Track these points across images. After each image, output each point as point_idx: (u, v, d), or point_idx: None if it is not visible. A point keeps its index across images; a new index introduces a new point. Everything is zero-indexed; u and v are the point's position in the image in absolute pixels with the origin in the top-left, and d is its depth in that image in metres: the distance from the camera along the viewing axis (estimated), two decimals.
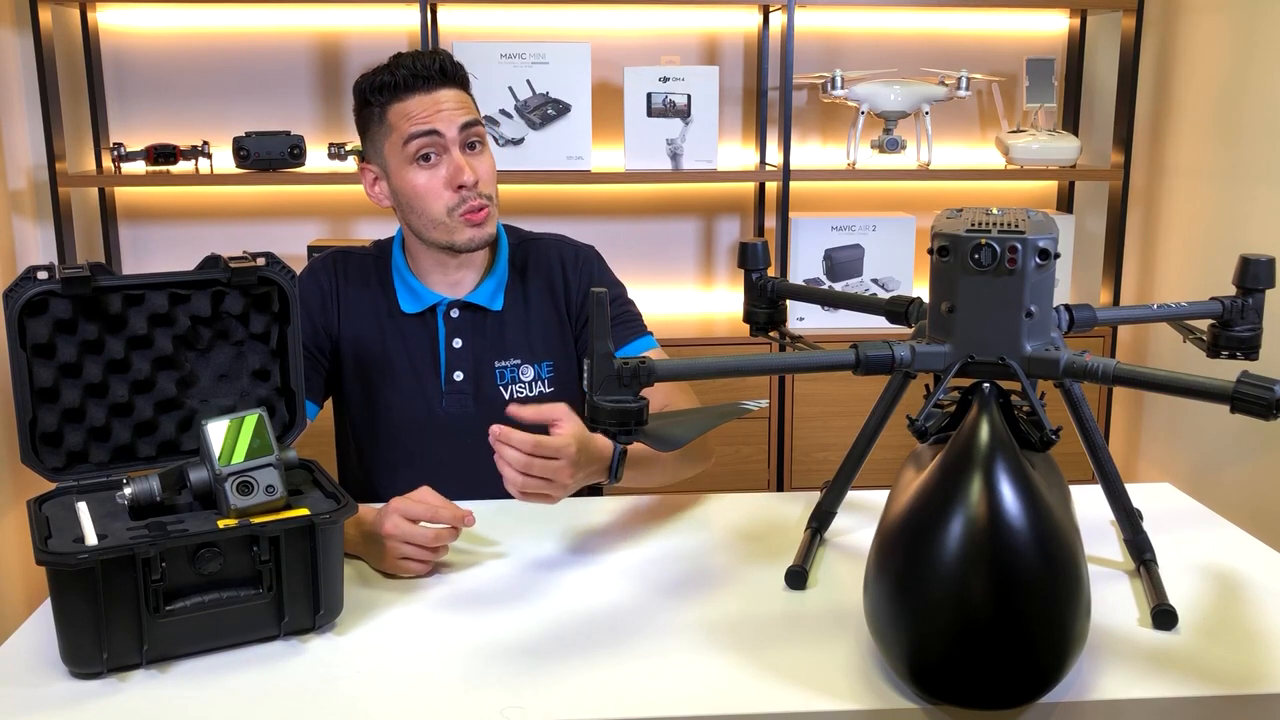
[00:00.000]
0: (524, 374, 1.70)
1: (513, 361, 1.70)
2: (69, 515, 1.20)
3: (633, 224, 3.02)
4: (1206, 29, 2.69)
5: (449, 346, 1.68)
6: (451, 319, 1.69)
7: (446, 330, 1.69)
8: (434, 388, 1.68)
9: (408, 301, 1.68)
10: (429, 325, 1.69)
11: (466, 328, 1.69)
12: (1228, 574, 1.34)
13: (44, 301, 1.23)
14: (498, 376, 1.69)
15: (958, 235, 1.13)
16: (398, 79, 1.57)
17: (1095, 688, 1.08)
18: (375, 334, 1.69)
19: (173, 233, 2.91)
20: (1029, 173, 2.82)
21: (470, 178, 1.58)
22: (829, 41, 2.95)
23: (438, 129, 1.57)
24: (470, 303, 1.69)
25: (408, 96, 1.58)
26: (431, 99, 1.58)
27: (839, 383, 2.75)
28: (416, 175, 1.59)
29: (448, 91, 1.59)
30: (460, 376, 1.68)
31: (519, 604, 1.28)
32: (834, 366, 1.16)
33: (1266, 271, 1.37)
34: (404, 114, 1.58)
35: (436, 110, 1.58)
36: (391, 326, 1.69)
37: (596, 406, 1.06)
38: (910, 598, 1.02)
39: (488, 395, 1.69)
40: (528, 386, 1.71)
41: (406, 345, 1.68)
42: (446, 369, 1.68)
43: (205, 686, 1.10)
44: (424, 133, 1.57)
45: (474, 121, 1.61)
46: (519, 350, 1.70)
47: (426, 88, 1.58)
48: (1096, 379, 1.11)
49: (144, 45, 2.81)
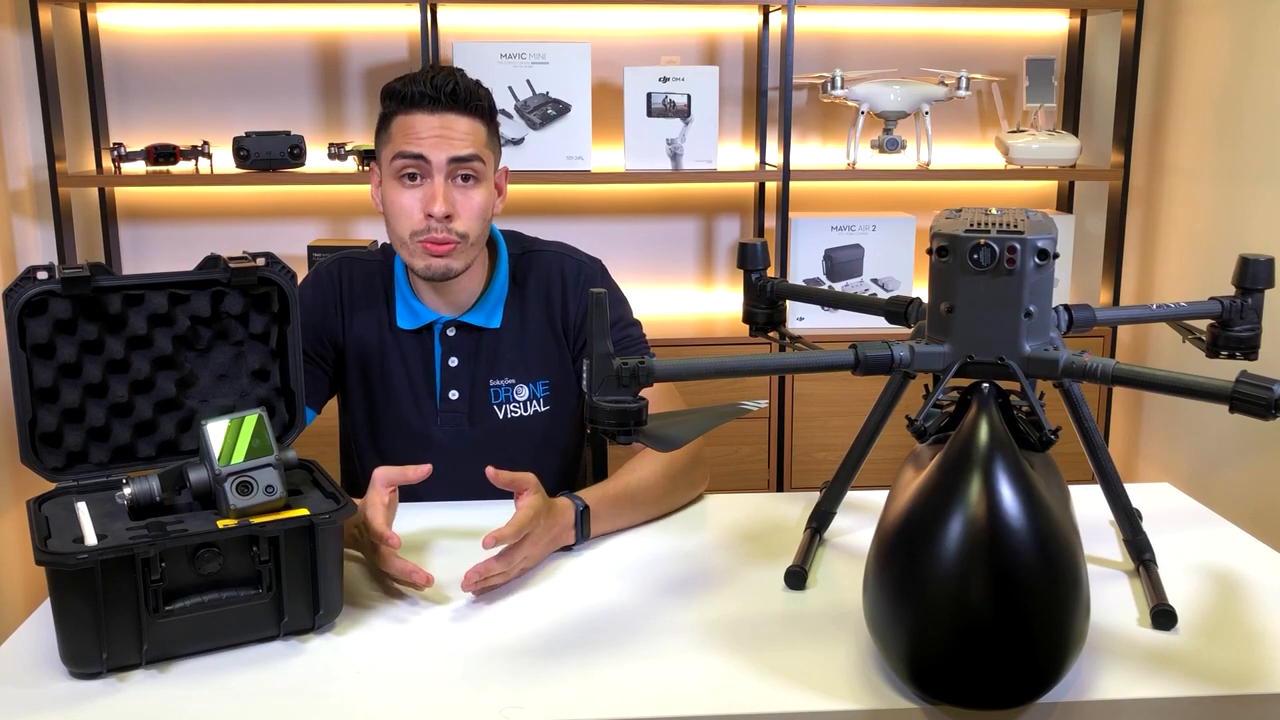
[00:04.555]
0: (519, 394, 1.68)
1: (507, 381, 1.68)
2: (69, 515, 1.20)
3: (633, 224, 3.02)
4: (1206, 29, 2.69)
5: (444, 365, 1.67)
6: (448, 337, 1.67)
7: (443, 349, 1.67)
8: (429, 406, 1.67)
9: (405, 317, 1.66)
10: (425, 343, 1.67)
11: (462, 347, 1.67)
12: (1228, 574, 1.34)
13: (44, 301, 1.23)
14: (492, 395, 1.67)
15: (957, 235, 1.13)
16: (408, 92, 1.53)
17: (1095, 688, 1.08)
18: (377, 346, 1.67)
19: (173, 233, 2.91)
20: (1029, 173, 2.82)
21: (440, 210, 1.52)
22: (829, 41, 2.95)
23: (424, 154, 1.52)
24: (466, 322, 1.66)
25: (413, 112, 1.54)
26: (436, 121, 1.53)
27: (839, 383, 2.75)
28: (397, 191, 1.55)
29: (455, 117, 1.54)
30: (455, 395, 1.67)
31: (519, 604, 1.28)
32: (833, 366, 1.16)
33: (1266, 271, 1.37)
34: (404, 129, 1.54)
35: (435, 135, 1.53)
36: (391, 340, 1.67)
37: (596, 407, 1.06)
38: (910, 598, 1.02)
39: (482, 414, 1.67)
40: (522, 406, 1.68)
41: (405, 361, 1.67)
42: (442, 388, 1.67)
43: (205, 686, 1.10)
44: (410, 155, 1.53)
45: (470, 156, 1.54)
46: (514, 369, 1.68)
47: (433, 108, 1.53)
48: (1096, 379, 1.11)
49: (144, 45, 2.81)
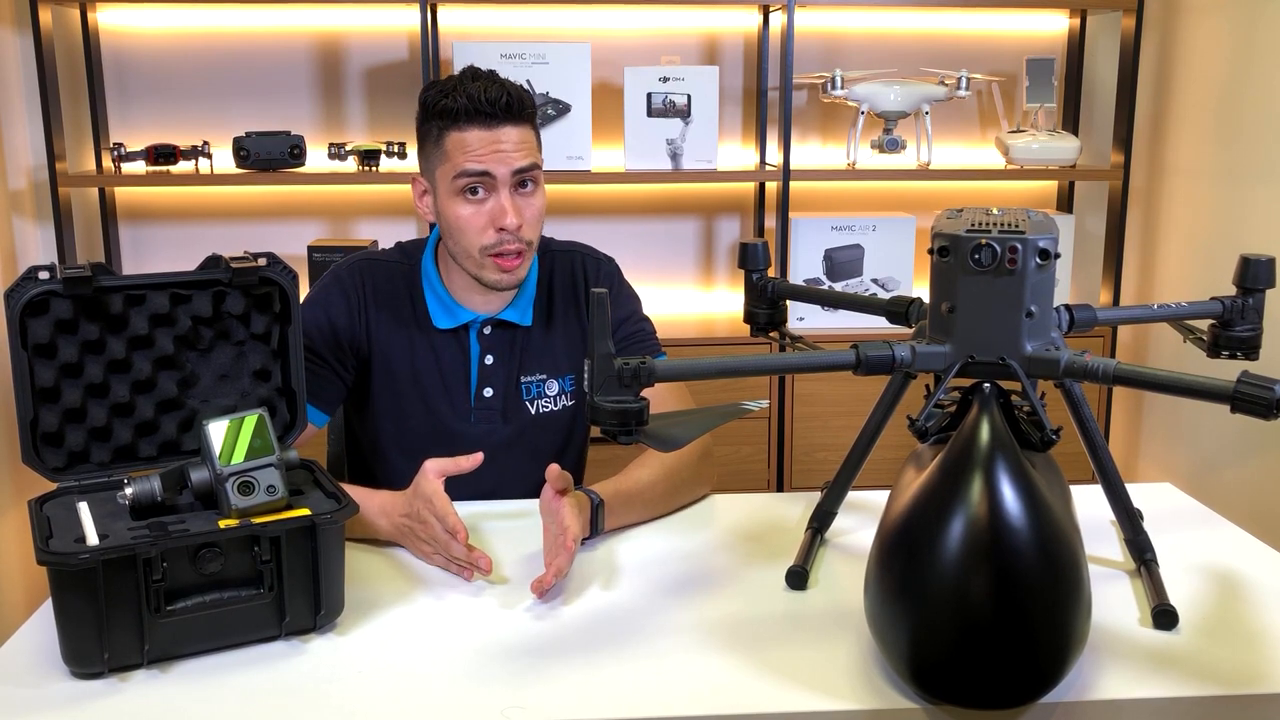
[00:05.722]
0: (549, 389, 1.69)
1: (538, 376, 1.69)
2: (70, 515, 1.20)
3: (633, 224, 3.02)
4: (1206, 29, 2.69)
5: (481, 363, 1.67)
6: (485, 336, 1.67)
7: (480, 347, 1.67)
8: (464, 404, 1.67)
9: (441, 317, 1.66)
10: (462, 341, 1.67)
11: (498, 344, 1.68)
12: (1228, 574, 1.34)
13: (45, 302, 1.23)
14: (524, 391, 1.69)
15: (958, 235, 1.13)
16: (459, 107, 1.52)
17: (1095, 688, 1.08)
18: (405, 347, 1.67)
19: (173, 233, 2.91)
20: (1029, 173, 2.82)
21: (513, 221, 1.53)
22: (829, 41, 2.95)
23: (490, 171, 1.52)
24: (503, 320, 1.67)
25: (467, 128, 1.52)
26: (492, 136, 1.52)
27: (839, 383, 2.75)
28: (461, 207, 1.55)
29: (510, 129, 1.53)
30: (490, 393, 1.67)
31: (519, 604, 1.28)
32: (834, 367, 1.16)
33: (1266, 271, 1.37)
34: (461, 146, 1.53)
35: (494, 150, 1.52)
36: (422, 341, 1.66)
37: (597, 407, 1.06)
38: (911, 598, 1.02)
39: (514, 410, 1.68)
40: (552, 401, 1.70)
41: (439, 361, 1.66)
42: (477, 385, 1.67)
43: (206, 686, 1.10)
44: (476, 172, 1.52)
45: (530, 165, 1.55)
46: (544, 365, 1.70)
47: (488, 123, 1.52)
48: (1096, 379, 1.11)
49: (144, 45, 2.81)
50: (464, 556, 1.32)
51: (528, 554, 1.41)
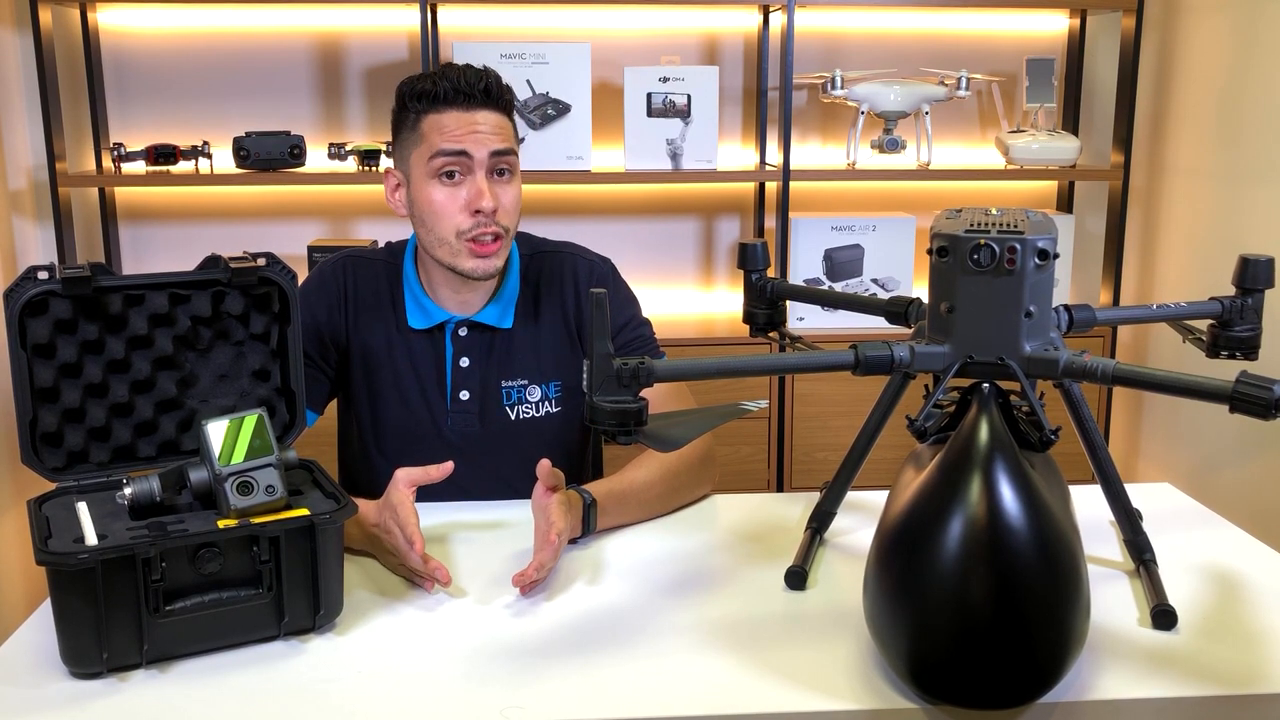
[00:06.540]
0: (530, 395, 1.67)
1: (519, 382, 1.67)
2: (69, 515, 1.20)
3: (633, 224, 3.02)
4: (1206, 29, 2.69)
5: (456, 366, 1.66)
6: (460, 337, 1.66)
7: (454, 349, 1.66)
8: (440, 406, 1.66)
9: (416, 317, 1.65)
10: (436, 343, 1.66)
11: (474, 347, 1.66)
12: (1228, 574, 1.34)
13: (44, 301, 1.23)
14: (504, 396, 1.67)
15: (957, 235, 1.13)
16: (439, 90, 1.53)
17: (1095, 688, 1.08)
18: (384, 346, 1.66)
19: (173, 233, 2.91)
20: (1029, 173, 2.82)
21: (489, 204, 1.53)
22: (829, 41, 2.95)
23: (467, 150, 1.53)
24: (479, 322, 1.66)
25: (445, 110, 1.54)
26: (469, 118, 1.54)
27: (839, 383, 2.75)
28: (436, 191, 1.55)
29: (487, 113, 1.55)
30: (466, 396, 1.66)
31: (519, 604, 1.28)
32: (834, 367, 1.16)
33: (1266, 271, 1.37)
34: (437, 127, 1.54)
35: (471, 130, 1.53)
36: (400, 341, 1.66)
37: (596, 407, 1.06)
38: (910, 598, 1.02)
39: (493, 415, 1.66)
40: (534, 407, 1.68)
41: (414, 362, 1.66)
42: (453, 388, 1.66)
43: (205, 686, 1.10)
44: (453, 151, 1.53)
45: (507, 150, 1.56)
46: (526, 370, 1.67)
47: (466, 105, 1.54)
48: (1096, 379, 1.11)
49: (144, 45, 2.82)
50: (420, 568, 1.30)
51: (522, 554, 1.41)
